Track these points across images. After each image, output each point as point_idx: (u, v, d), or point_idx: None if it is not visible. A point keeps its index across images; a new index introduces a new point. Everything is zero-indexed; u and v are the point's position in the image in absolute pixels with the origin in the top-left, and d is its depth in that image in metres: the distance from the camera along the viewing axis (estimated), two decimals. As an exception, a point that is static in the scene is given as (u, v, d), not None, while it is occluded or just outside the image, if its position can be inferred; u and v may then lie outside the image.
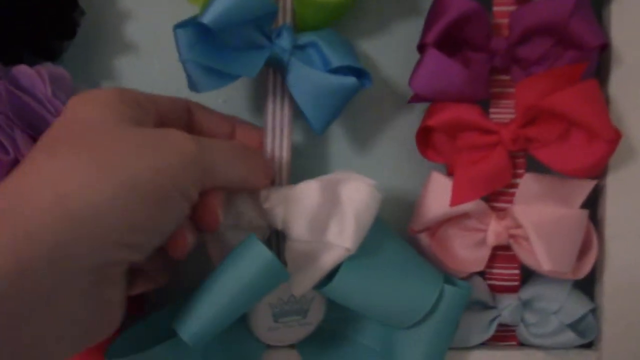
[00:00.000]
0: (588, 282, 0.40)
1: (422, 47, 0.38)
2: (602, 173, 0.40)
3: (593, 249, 0.39)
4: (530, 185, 0.39)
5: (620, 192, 0.39)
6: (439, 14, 0.37)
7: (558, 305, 0.39)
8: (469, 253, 0.40)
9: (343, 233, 0.31)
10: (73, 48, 0.39)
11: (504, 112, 0.40)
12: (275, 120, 0.37)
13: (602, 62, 0.40)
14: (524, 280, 0.41)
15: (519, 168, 0.40)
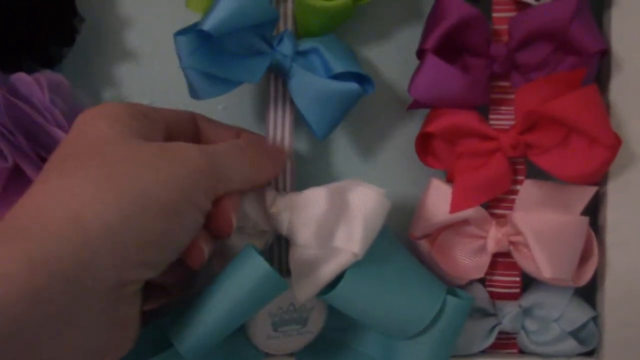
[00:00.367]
0: (589, 289, 0.40)
1: (421, 53, 0.38)
2: (602, 179, 0.39)
3: (594, 257, 0.39)
4: (530, 192, 0.39)
5: (622, 198, 0.39)
6: (438, 20, 0.37)
7: (559, 313, 0.39)
8: (469, 260, 0.40)
9: (351, 238, 0.31)
10: (72, 55, 0.39)
11: (504, 118, 0.40)
12: (277, 127, 0.37)
13: (602, 67, 0.40)
14: (525, 288, 0.40)
15: (519, 174, 0.40)
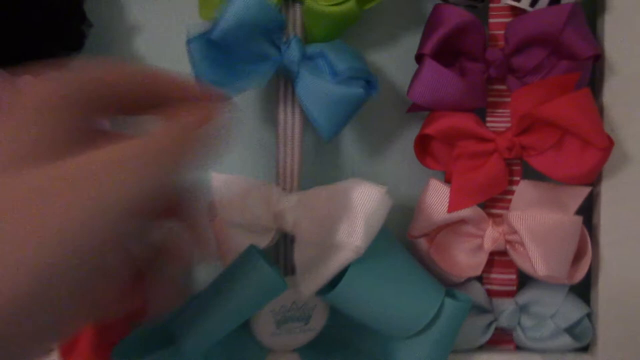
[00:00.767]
0: (584, 287, 0.41)
1: (420, 57, 0.39)
2: (596, 180, 0.40)
3: (588, 255, 0.40)
4: (526, 192, 0.39)
5: (615, 198, 0.40)
6: (436, 25, 0.38)
7: (554, 310, 0.40)
8: (467, 258, 0.40)
9: (353, 233, 0.32)
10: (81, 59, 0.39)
11: (500, 120, 0.40)
12: (287, 128, 0.38)
13: (595, 71, 0.40)
14: (521, 285, 0.41)
15: (515, 175, 0.40)
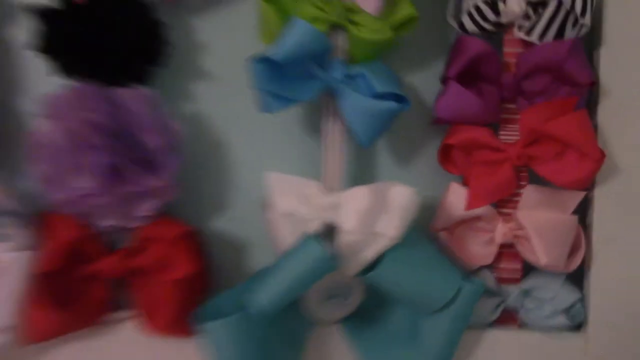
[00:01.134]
0: (577, 275, 0.44)
1: (445, 79, 0.42)
2: (590, 186, 0.43)
3: (581, 248, 0.43)
4: (531, 195, 0.42)
5: (606, 202, 0.43)
6: (459, 53, 0.41)
7: (552, 294, 0.43)
8: (480, 250, 0.43)
9: (390, 224, 0.37)
10: (160, 74, 0.42)
11: (511, 134, 0.43)
12: (332, 137, 0.41)
13: (591, 96, 0.43)
14: (525, 273, 0.44)
15: (522, 180, 0.43)
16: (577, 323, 0.44)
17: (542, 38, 0.41)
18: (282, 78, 0.39)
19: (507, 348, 0.43)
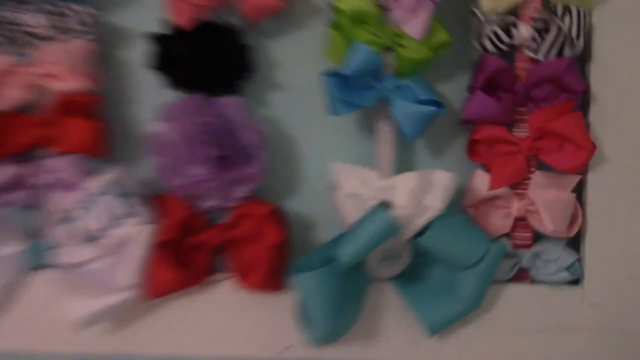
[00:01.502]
0: (576, 240, 0.49)
1: (471, 89, 0.49)
2: (585, 170, 0.48)
3: (579, 219, 0.49)
4: (539, 178, 0.48)
5: (597, 182, 0.48)
6: (482, 68, 0.48)
7: (557, 256, 0.49)
8: (499, 222, 0.49)
9: (435, 200, 0.46)
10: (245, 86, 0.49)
11: (522, 131, 0.49)
12: (384, 135, 0.50)
13: (584, 101, 0.48)
14: (535, 239, 0.49)
15: (532, 167, 0.48)
16: (576, 278, 0.49)
17: (546, 56, 0.47)
18: (347, 88, 0.48)
19: (521, 299, 0.50)
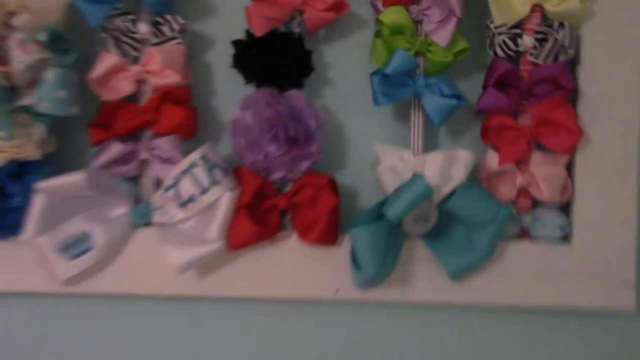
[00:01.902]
0: (567, 206, 0.59)
1: (485, 86, 0.59)
2: (574, 151, 0.58)
3: (569, 189, 0.58)
4: (539, 157, 0.58)
5: (583, 160, 0.58)
6: (494, 70, 0.58)
7: (551, 218, 0.58)
8: (506, 191, 0.60)
9: (458, 172, 0.58)
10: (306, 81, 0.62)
11: (526, 120, 0.58)
12: (416, 125, 0.62)
13: (574, 96, 0.57)
14: (534, 206, 0.59)
15: (533, 148, 0.58)
16: (566, 236, 0.59)
17: (545, 61, 0.58)
18: (387, 84, 0.61)
19: (523, 254, 0.60)
